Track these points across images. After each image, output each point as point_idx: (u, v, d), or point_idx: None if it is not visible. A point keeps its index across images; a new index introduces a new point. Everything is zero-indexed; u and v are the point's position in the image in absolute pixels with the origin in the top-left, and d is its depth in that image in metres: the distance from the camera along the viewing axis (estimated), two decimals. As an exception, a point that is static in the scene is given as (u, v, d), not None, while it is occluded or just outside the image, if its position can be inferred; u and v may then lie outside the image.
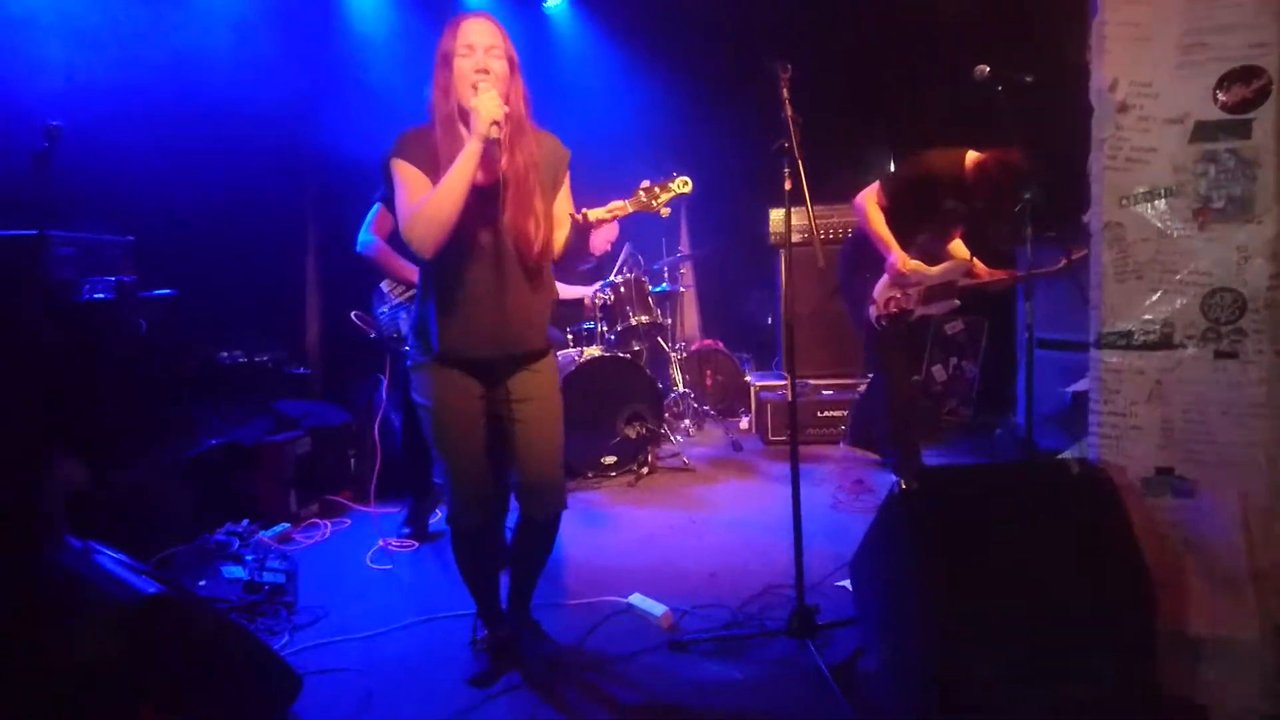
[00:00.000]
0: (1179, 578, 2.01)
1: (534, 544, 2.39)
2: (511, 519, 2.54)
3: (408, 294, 3.51)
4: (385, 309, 3.55)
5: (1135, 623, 1.88)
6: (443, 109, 2.14)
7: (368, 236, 3.49)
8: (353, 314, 3.63)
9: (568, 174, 2.35)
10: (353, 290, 4.69)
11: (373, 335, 3.60)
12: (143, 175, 3.93)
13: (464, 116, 2.11)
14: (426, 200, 2.05)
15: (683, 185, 3.03)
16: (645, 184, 3.08)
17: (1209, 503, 2.00)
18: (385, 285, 3.57)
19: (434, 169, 2.11)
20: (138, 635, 1.73)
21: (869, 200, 3.78)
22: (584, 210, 2.18)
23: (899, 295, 3.82)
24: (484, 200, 2.11)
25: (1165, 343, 2.02)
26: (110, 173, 3.69)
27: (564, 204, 2.33)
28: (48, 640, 1.71)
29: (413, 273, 3.41)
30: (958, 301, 3.89)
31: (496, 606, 2.44)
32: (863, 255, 3.88)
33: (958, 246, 3.94)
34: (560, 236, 2.27)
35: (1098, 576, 1.92)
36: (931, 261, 3.83)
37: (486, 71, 2.08)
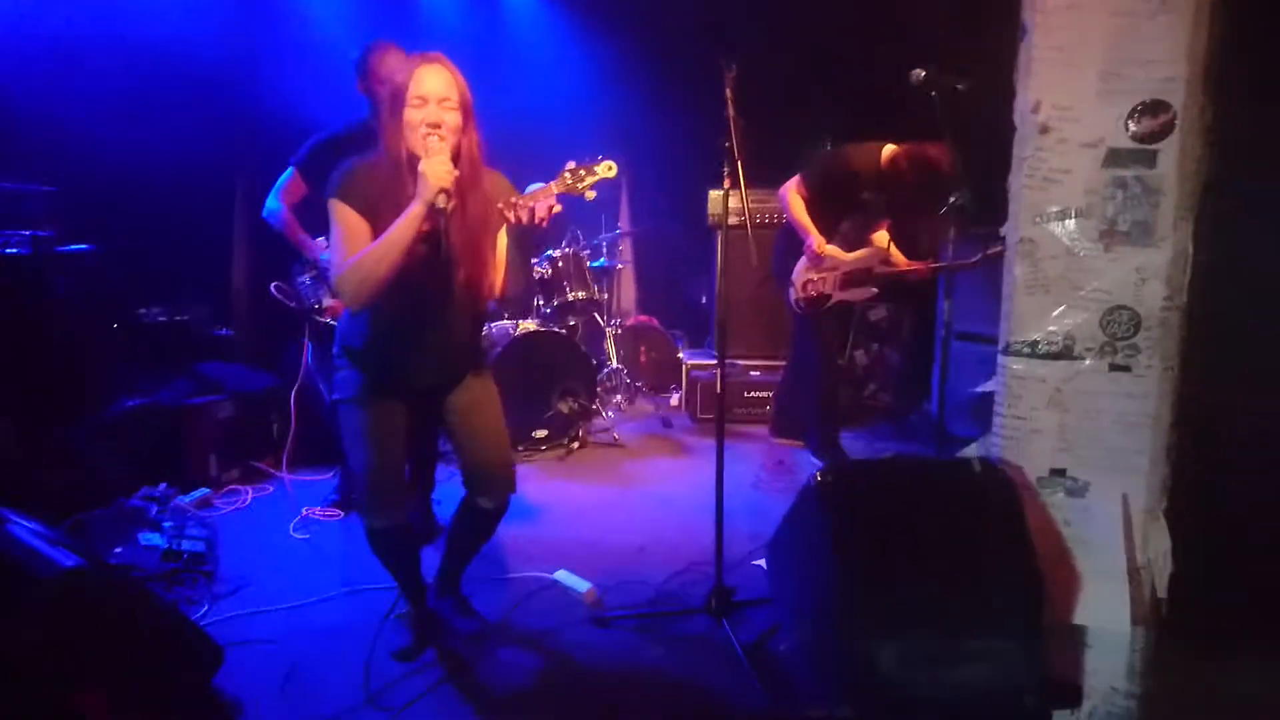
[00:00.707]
0: (1066, 572, 2.18)
1: (476, 530, 2.42)
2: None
3: None
4: (307, 278, 3.45)
5: (1026, 613, 2.03)
6: (391, 153, 2.07)
7: (275, 204, 3.33)
8: (272, 286, 3.47)
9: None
10: (282, 250, 4.57)
11: (293, 305, 3.47)
12: (63, 121, 3.75)
13: (412, 165, 2.04)
14: (363, 256, 2.00)
15: (608, 170, 3.03)
16: (571, 165, 3.10)
17: (1097, 503, 2.17)
18: (321, 240, 3.45)
19: (374, 212, 2.05)
20: (57, 612, 1.72)
21: (791, 190, 3.96)
22: (510, 201, 2.12)
23: (816, 279, 3.97)
24: (427, 247, 2.06)
25: (1066, 353, 2.16)
26: (29, 118, 3.51)
27: (504, 243, 2.28)
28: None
29: (316, 249, 3.32)
30: (875, 290, 4.04)
31: (418, 585, 2.45)
32: (794, 241, 4.01)
33: (879, 236, 4.10)
34: (502, 279, 2.25)
35: (994, 569, 2.06)
36: (853, 249, 3.99)
37: (438, 125, 2.02)
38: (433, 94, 2.03)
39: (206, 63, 4.42)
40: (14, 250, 2.90)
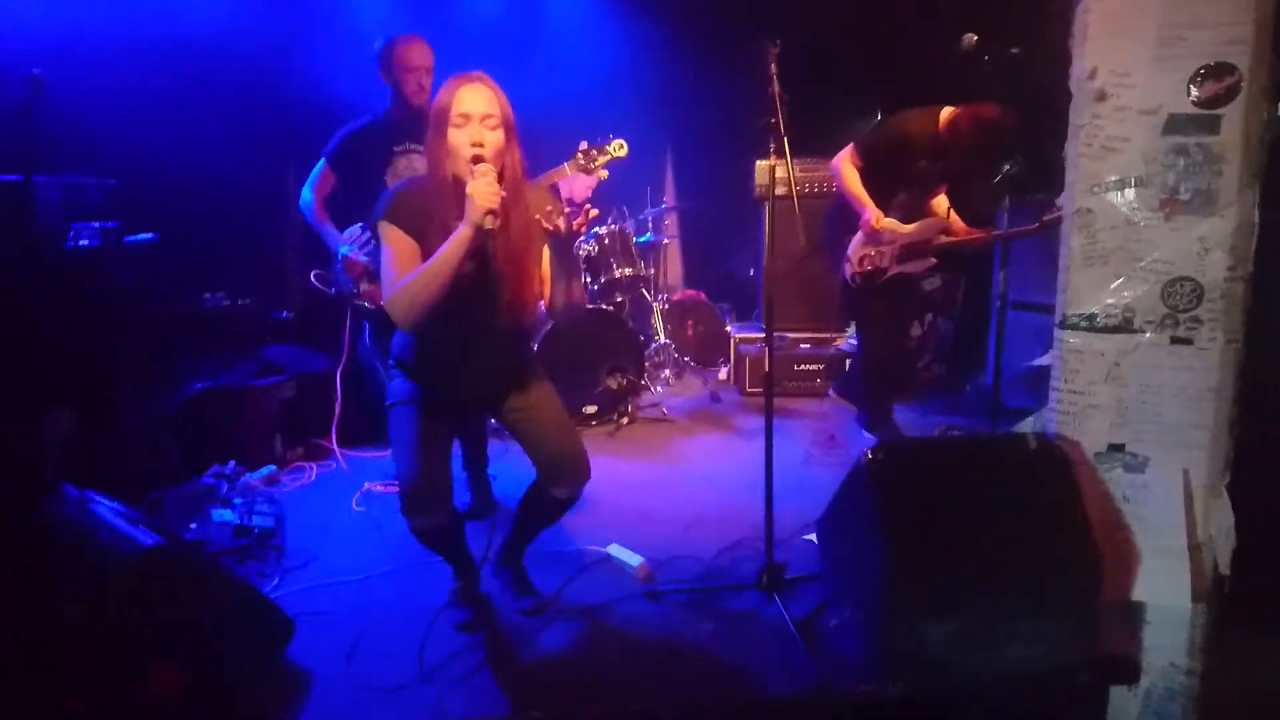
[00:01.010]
0: (1125, 548, 2.15)
1: (548, 515, 2.49)
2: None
3: (363, 240, 3.47)
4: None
5: (1080, 590, 2.02)
6: (437, 173, 2.12)
7: (308, 195, 3.45)
8: (312, 274, 3.55)
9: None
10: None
11: (333, 292, 3.54)
12: (121, 115, 3.87)
13: (458, 185, 2.08)
14: (412, 279, 2.05)
15: (619, 149, 3.24)
16: (583, 146, 3.24)
17: (1156, 478, 2.13)
18: (346, 236, 3.51)
19: (422, 233, 2.11)
20: (140, 588, 1.82)
21: (843, 161, 3.82)
22: (548, 211, 2.10)
23: (873, 253, 3.87)
24: (474, 265, 2.10)
25: (1125, 326, 2.11)
26: (88, 113, 3.63)
27: (548, 256, 2.28)
28: (53, 595, 1.79)
29: (336, 240, 3.41)
30: (934, 260, 3.94)
31: (468, 568, 2.51)
32: (846, 215, 3.93)
33: (938, 204, 3.98)
34: (548, 292, 2.28)
35: (1048, 546, 2.05)
36: (911, 220, 3.88)
37: (481, 144, 2.05)
38: (475, 112, 2.06)
39: (257, 55, 4.51)
40: (85, 242, 3.02)
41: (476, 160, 2.05)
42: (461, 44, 3.55)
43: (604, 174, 3.16)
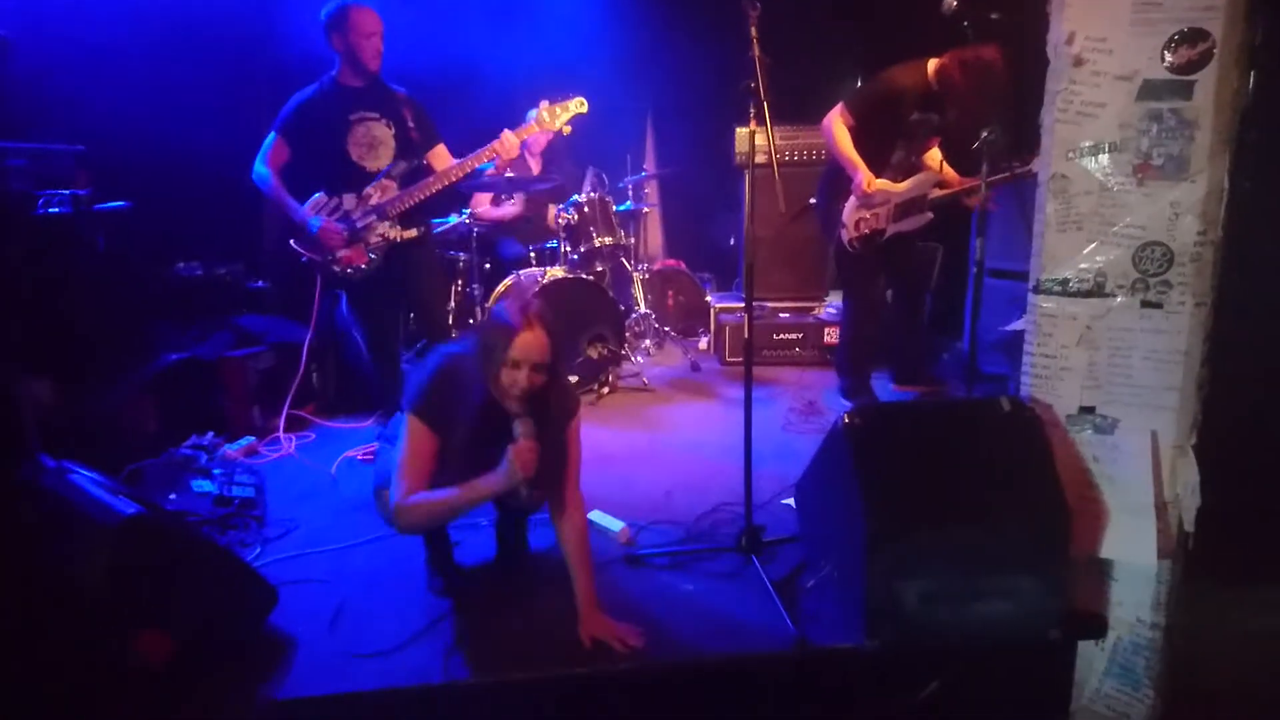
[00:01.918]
0: (1094, 506, 2.20)
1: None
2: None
3: (332, 208, 3.49)
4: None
5: (1050, 548, 2.07)
6: (479, 388, 2.15)
7: (262, 169, 3.45)
8: (291, 241, 3.55)
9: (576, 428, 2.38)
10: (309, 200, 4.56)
11: (310, 257, 3.54)
12: (89, 79, 3.78)
13: (498, 410, 2.14)
14: (429, 502, 2.11)
15: (579, 105, 3.41)
16: (544, 104, 3.37)
17: (1126, 439, 2.17)
18: (311, 205, 3.51)
19: (447, 429, 2.16)
20: (121, 557, 1.82)
21: (835, 121, 3.77)
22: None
23: (868, 215, 3.87)
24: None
25: (1098, 291, 2.14)
26: (55, 78, 3.55)
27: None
28: (35, 564, 1.78)
29: (299, 213, 3.44)
30: (930, 215, 3.90)
31: (447, 561, 2.53)
32: (839, 180, 3.90)
33: (931, 156, 3.96)
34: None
35: (1021, 505, 2.10)
36: (904, 177, 3.85)
37: (529, 388, 2.11)
38: (527, 360, 2.10)
39: (233, 18, 4.41)
40: (56, 209, 2.97)
41: (520, 405, 2.11)
42: (443, 4, 3.49)
43: (567, 129, 3.31)
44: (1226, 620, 2.41)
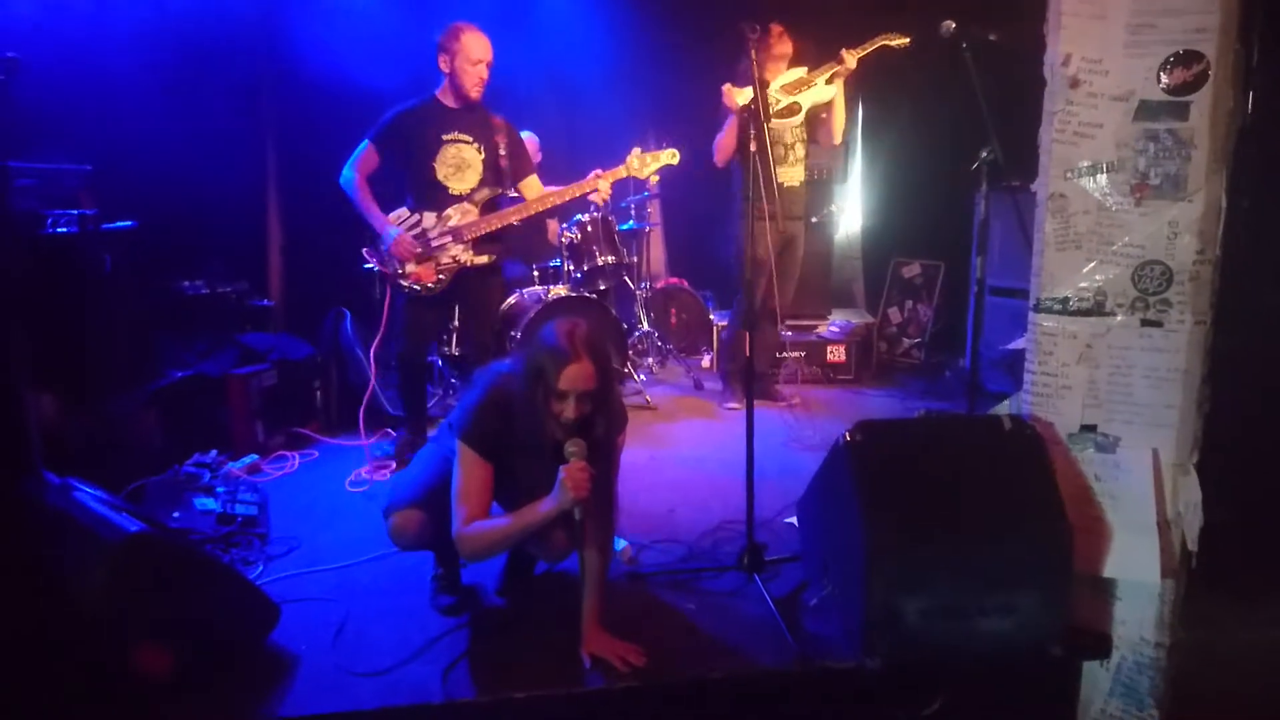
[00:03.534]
0: (1096, 525, 2.19)
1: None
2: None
3: (411, 224, 3.54)
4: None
5: (1053, 566, 2.07)
6: (528, 407, 2.14)
7: (350, 173, 3.51)
8: (364, 249, 3.61)
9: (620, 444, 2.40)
10: (313, 220, 4.63)
11: (370, 266, 3.63)
12: (96, 101, 3.84)
13: (547, 434, 2.15)
14: (488, 531, 2.13)
15: (671, 157, 3.56)
16: (636, 150, 3.42)
17: (1127, 457, 2.17)
18: (394, 217, 3.58)
19: (499, 456, 2.18)
20: (123, 574, 1.82)
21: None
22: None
23: None
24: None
25: (1097, 310, 2.16)
26: (63, 98, 3.59)
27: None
28: (38, 580, 1.79)
29: (379, 222, 3.50)
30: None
31: (452, 557, 2.50)
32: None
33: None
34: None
35: (1022, 522, 2.10)
36: None
37: (576, 417, 2.11)
38: (574, 391, 2.09)
39: (238, 41, 4.48)
40: (63, 229, 3.00)
41: (569, 431, 2.11)
42: (447, 19, 3.54)
43: (655, 179, 3.46)
44: (1231, 639, 2.39)
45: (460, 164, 3.50)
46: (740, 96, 3.83)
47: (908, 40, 3.95)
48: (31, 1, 3.64)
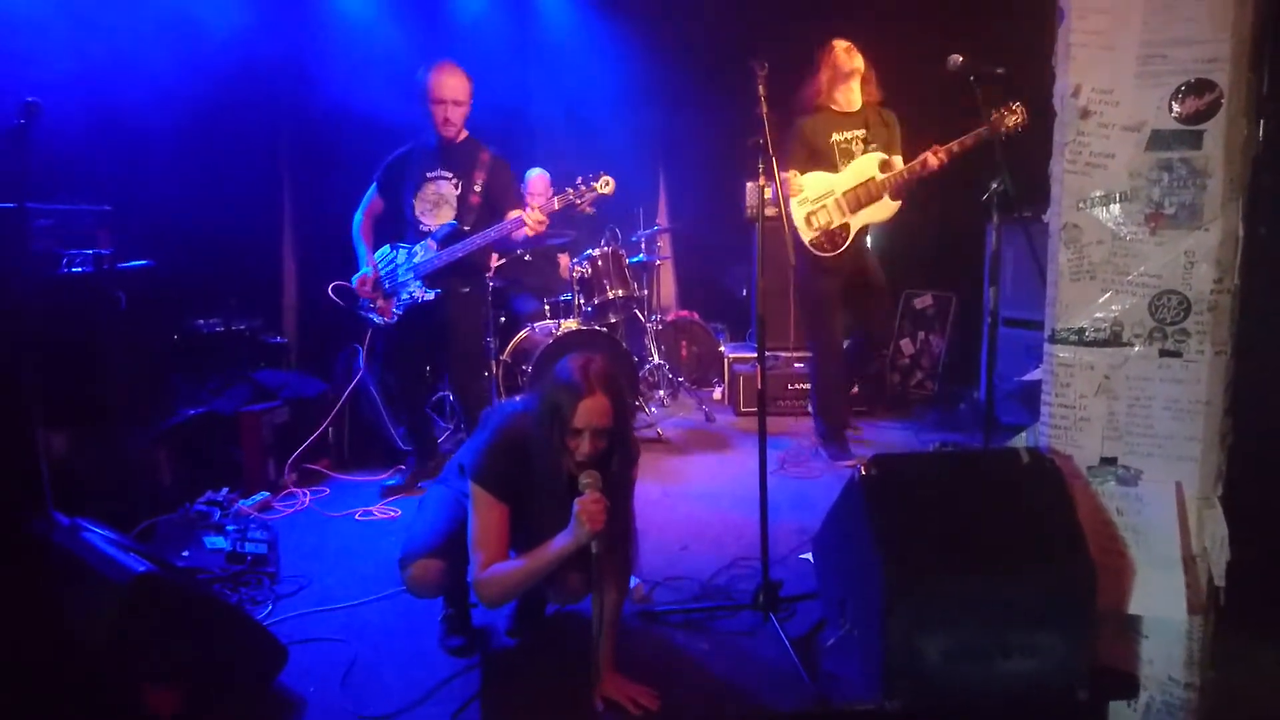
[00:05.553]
0: (1119, 561, 2.14)
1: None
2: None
3: (389, 261, 3.67)
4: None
5: (1076, 604, 2.02)
6: (543, 445, 2.13)
7: (357, 216, 3.69)
8: (330, 287, 3.73)
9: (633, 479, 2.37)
10: (328, 257, 4.66)
11: (345, 306, 3.71)
12: (114, 143, 3.91)
13: (563, 471, 2.13)
14: (506, 573, 2.08)
15: (604, 185, 3.50)
16: (579, 180, 3.54)
17: (1149, 491, 2.13)
18: (377, 257, 3.72)
19: (515, 495, 2.14)
20: (130, 615, 1.81)
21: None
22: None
23: (815, 208, 3.86)
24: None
25: (1115, 340, 2.12)
26: (82, 141, 3.67)
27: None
28: (45, 621, 1.77)
29: (360, 262, 3.66)
30: (896, 203, 3.89)
31: (461, 598, 2.48)
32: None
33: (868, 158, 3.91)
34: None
35: (1044, 559, 2.05)
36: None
37: (593, 452, 2.09)
38: (589, 427, 2.07)
39: (253, 82, 4.56)
40: (79, 269, 3.03)
41: (584, 464, 2.08)
42: (462, 62, 3.64)
43: (590, 210, 3.47)
44: (1261, 677, 2.32)
45: (437, 200, 3.59)
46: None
47: (1020, 118, 3.45)
48: (51, 45, 3.73)
